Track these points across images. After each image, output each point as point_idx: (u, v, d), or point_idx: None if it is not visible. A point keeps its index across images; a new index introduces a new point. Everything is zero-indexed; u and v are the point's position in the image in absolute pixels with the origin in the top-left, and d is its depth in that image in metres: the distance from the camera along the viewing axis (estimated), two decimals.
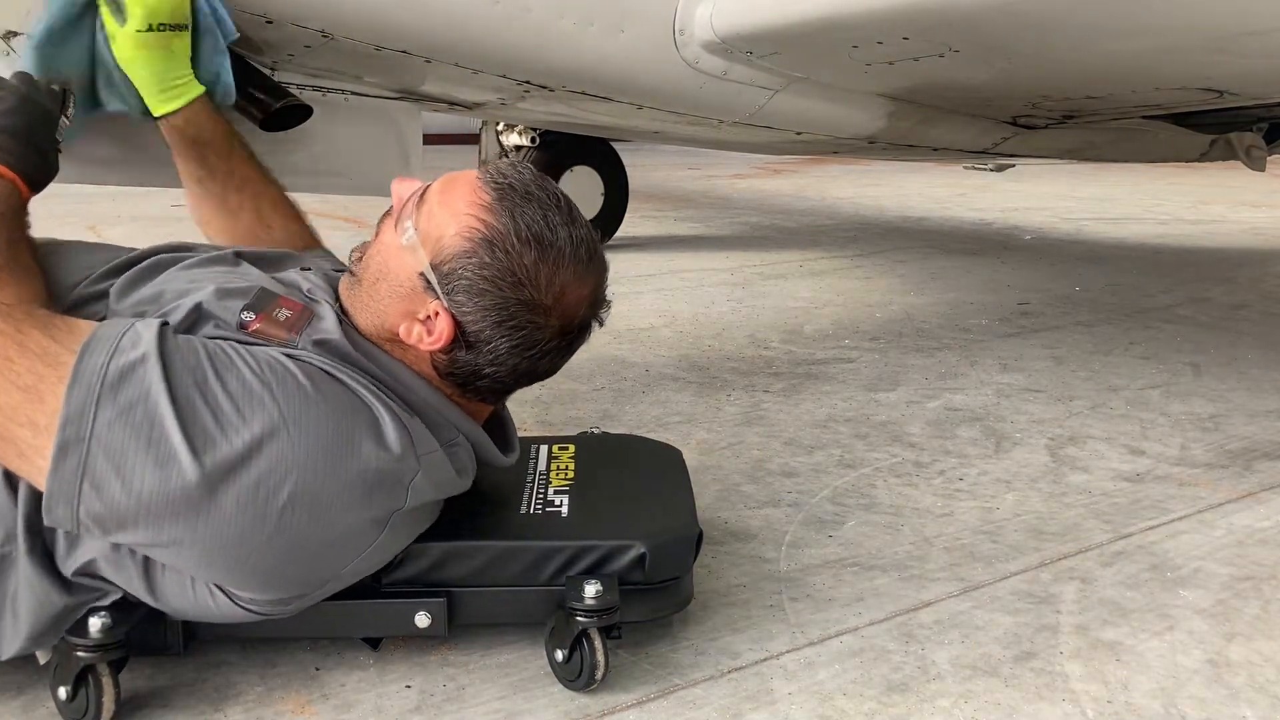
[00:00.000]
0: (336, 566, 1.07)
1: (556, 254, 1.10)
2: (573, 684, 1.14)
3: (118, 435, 0.94)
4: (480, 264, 1.08)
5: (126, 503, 0.95)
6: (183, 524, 0.96)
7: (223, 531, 0.97)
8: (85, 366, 0.95)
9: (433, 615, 1.16)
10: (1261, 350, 2.73)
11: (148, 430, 0.95)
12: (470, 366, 1.12)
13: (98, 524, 0.97)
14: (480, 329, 1.10)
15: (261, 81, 1.70)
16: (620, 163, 4.54)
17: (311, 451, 0.99)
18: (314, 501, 1.00)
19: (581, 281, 1.12)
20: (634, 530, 1.21)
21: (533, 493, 1.30)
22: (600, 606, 1.12)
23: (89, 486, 0.94)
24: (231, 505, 0.97)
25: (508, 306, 1.09)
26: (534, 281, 1.09)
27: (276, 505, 0.98)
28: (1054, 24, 1.77)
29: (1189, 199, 6.77)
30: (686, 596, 1.26)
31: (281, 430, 0.98)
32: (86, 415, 0.94)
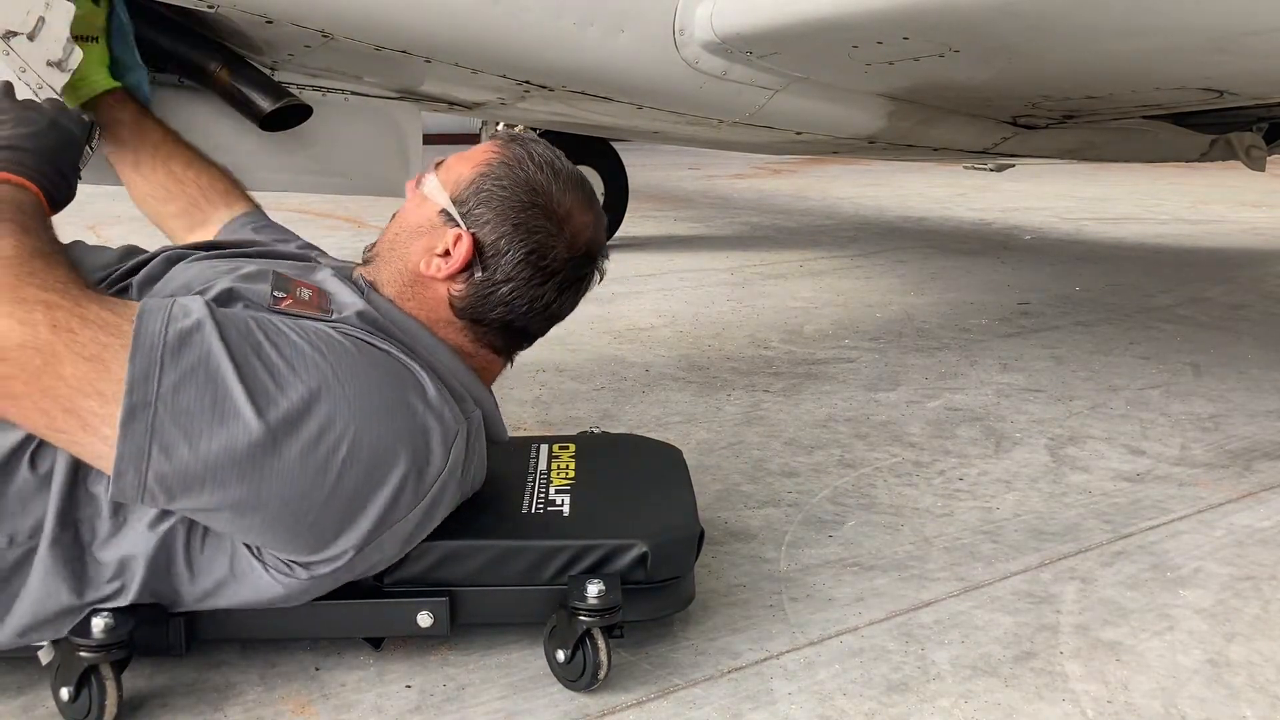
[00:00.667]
0: (385, 526, 1.07)
1: (566, 178, 1.22)
2: (574, 684, 1.14)
3: (183, 397, 0.96)
4: (496, 177, 1.19)
5: (194, 463, 0.97)
6: (248, 481, 0.99)
7: (286, 486, 1.00)
8: (144, 332, 0.97)
9: (435, 615, 1.16)
10: (1261, 350, 2.73)
11: (212, 390, 0.97)
12: (487, 287, 1.18)
13: (164, 489, 0.98)
14: (497, 238, 1.17)
15: (261, 81, 1.70)
16: (620, 163, 4.54)
17: (365, 407, 1.04)
18: (371, 455, 1.04)
19: (586, 210, 1.23)
20: (635, 530, 1.21)
21: (534, 492, 1.30)
22: (603, 606, 1.12)
23: (158, 449, 0.96)
24: (295, 459, 1.00)
25: (522, 209, 1.18)
26: (545, 192, 1.19)
27: (337, 459, 1.02)
28: (1054, 24, 1.77)
29: (1189, 199, 6.77)
30: (688, 596, 1.26)
31: (335, 387, 1.02)
32: (151, 379, 0.96)
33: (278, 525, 1.03)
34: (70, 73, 1.46)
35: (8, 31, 1.39)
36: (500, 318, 1.21)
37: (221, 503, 1.00)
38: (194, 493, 0.99)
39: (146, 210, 1.59)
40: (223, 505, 1.00)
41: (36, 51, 1.42)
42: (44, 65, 1.43)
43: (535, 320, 1.24)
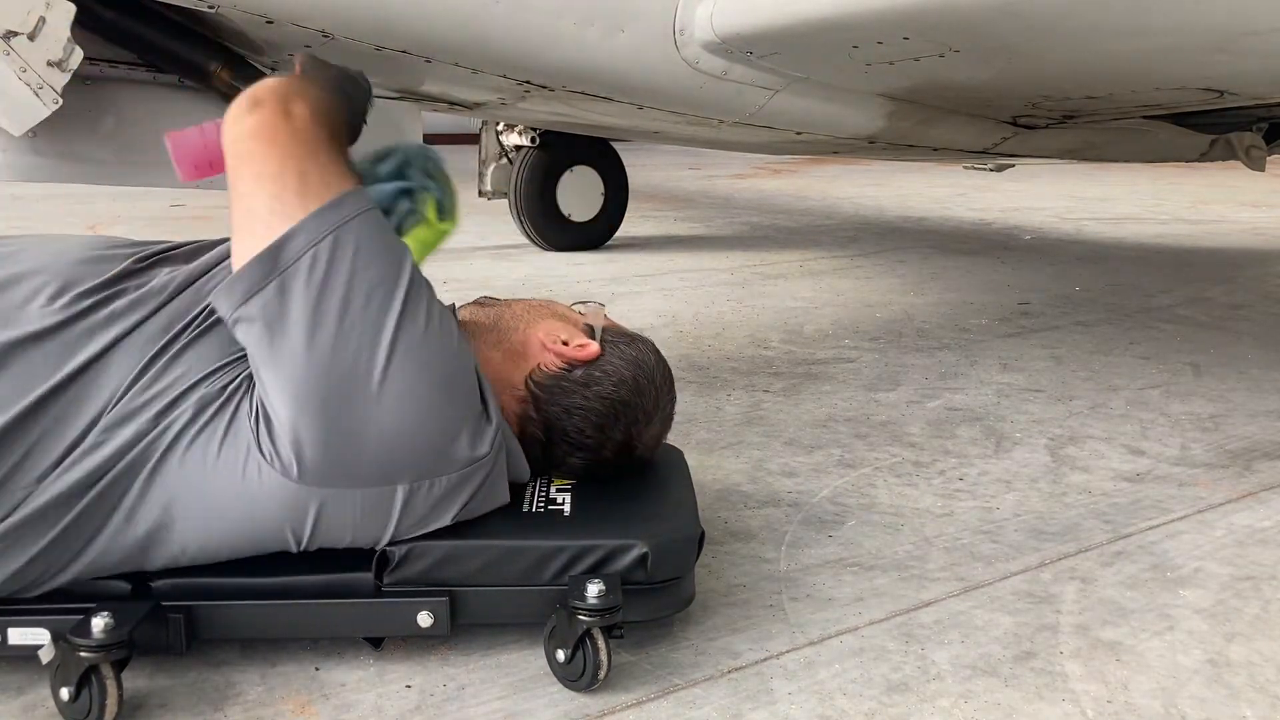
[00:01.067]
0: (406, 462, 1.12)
1: (668, 413, 1.39)
2: (574, 684, 1.14)
3: (376, 237, 1.10)
4: (651, 349, 1.37)
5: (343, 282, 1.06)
6: (353, 338, 1.06)
7: (370, 363, 1.07)
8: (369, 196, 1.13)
9: (435, 615, 1.16)
10: (1261, 350, 2.73)
11: (395, 261, 1.11)
12: (569, 384, 1.29)
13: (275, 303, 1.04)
14: (613, 370, 1.31)
15: None
16: (620, 163, 4.54)
17: (455, 371, 1.15)
18: (440, 397, 1.12)
19: (656, 435, 1.38)
20: (636, 530, 1.21)
21: (535, 492, 1.30)
22: (603, 606, 1.12)
23: (328, 244, 1.06)
24: (397, 354, 1.08)
25: (647, 377, 1.33)
26: (660, 393, 1.35)
27: (424, 378, 1.10)
28: (1054, 24, 1.77)
29: (1189, 199, 6.77)
30: (688, 596, 1.26)
31: (449, 342, 1.14)
32: (364, 205, 1.10)
33: (319, 379, 1.06)
34: (70, 72, 1.46)
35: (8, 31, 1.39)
36: (552, 416, 1.29)
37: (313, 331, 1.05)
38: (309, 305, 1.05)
39: None
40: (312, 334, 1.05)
41: (37, 51, 1.42)
42: (44, 65, 1.43)
43: (562, 447, 1.30)
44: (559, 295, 3.26)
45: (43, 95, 1.44)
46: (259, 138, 1.09)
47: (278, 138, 1.09)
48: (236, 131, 1.10)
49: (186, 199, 5.30)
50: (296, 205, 1.06)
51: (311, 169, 1.08)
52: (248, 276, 1.06)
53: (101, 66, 1.71)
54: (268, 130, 1.09)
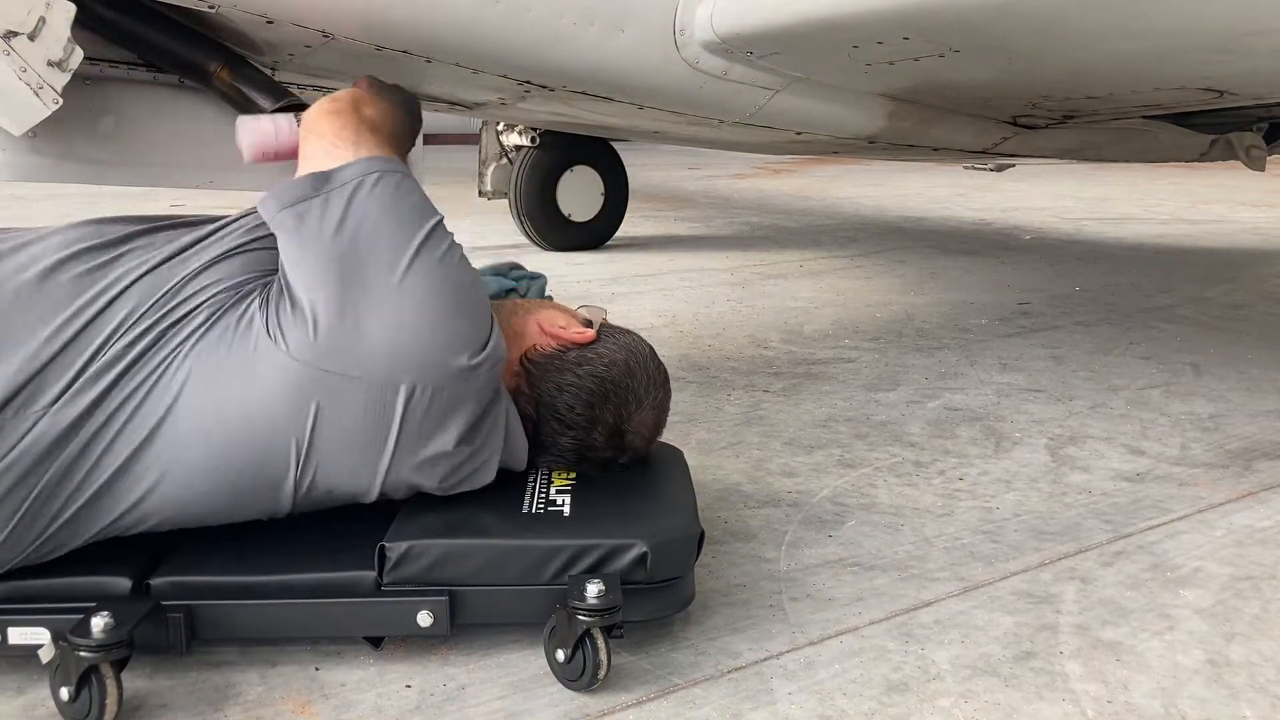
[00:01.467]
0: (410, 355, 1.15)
1: (663, 407, 1.41)
2: (574, 684, 1.14)
3: (414, 187, 1.22)
4: (644, 344, 1.42)
5: (381, 207, 1.16)
6: (378, 242, 1.15)
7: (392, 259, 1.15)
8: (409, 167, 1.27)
9: (435, 614, 1.16)
10: (1261, 350, 2.73)
11: (429, 206, 1.21)
12: (562, 363, 1.33)
13: (319, 208, 1.15)
14: (606, 354, 1.35)
15: (261, 81, 1.70)
16: (620, 163, 4.54)
17: (472, 286, 1.21)
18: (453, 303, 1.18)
19: (650, 425, 1.39)
20: (635, 530, 1.21)
21: (534, 492, 1.30)
22: (603, 606, 1.12)
23: (374, 176, 1.17)
24: (421, 259, 1.16)
25: (639, 364, 1.37)
26: (654, 383, 1.38)
27: (440, 278, 1.17)
28: (1054, 24, 1.77)
29: (1189, 199, 6.77)
30: (688, 596, 1.26)
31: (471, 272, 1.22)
32: (407, 168, 1.24)
33: (348, 279, 1.13)
34: (70, 72, 1.45)
35: (8, 31, 1.39)
36: (543, 394, 1.32)
37: (348, 239, 1.14)
38: (348, 219, 1.15)
39: None
40: (348, 241, 1.14)
41: (37, 51, 1.42)
42: (44, 65, 1.43)
43: (549, 428, 1.33)
44: (559, 295, 3.26)
45: (43, 95, 1.44)
46: (330, 113, 1.25)
47: (346, 119, 1.24)
48: (314, 113, 1.26)
49: (187, 199, 5.30)
50: (350, 152, 1.20)
51: (368, 136, 1.23)
52: (300, 185, 1.17)
53: (101, 66, 1.70)
54: (339, 110, 1.25)
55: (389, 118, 1.33)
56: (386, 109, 1.34)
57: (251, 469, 1.14)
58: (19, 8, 1.39)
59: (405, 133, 1.39)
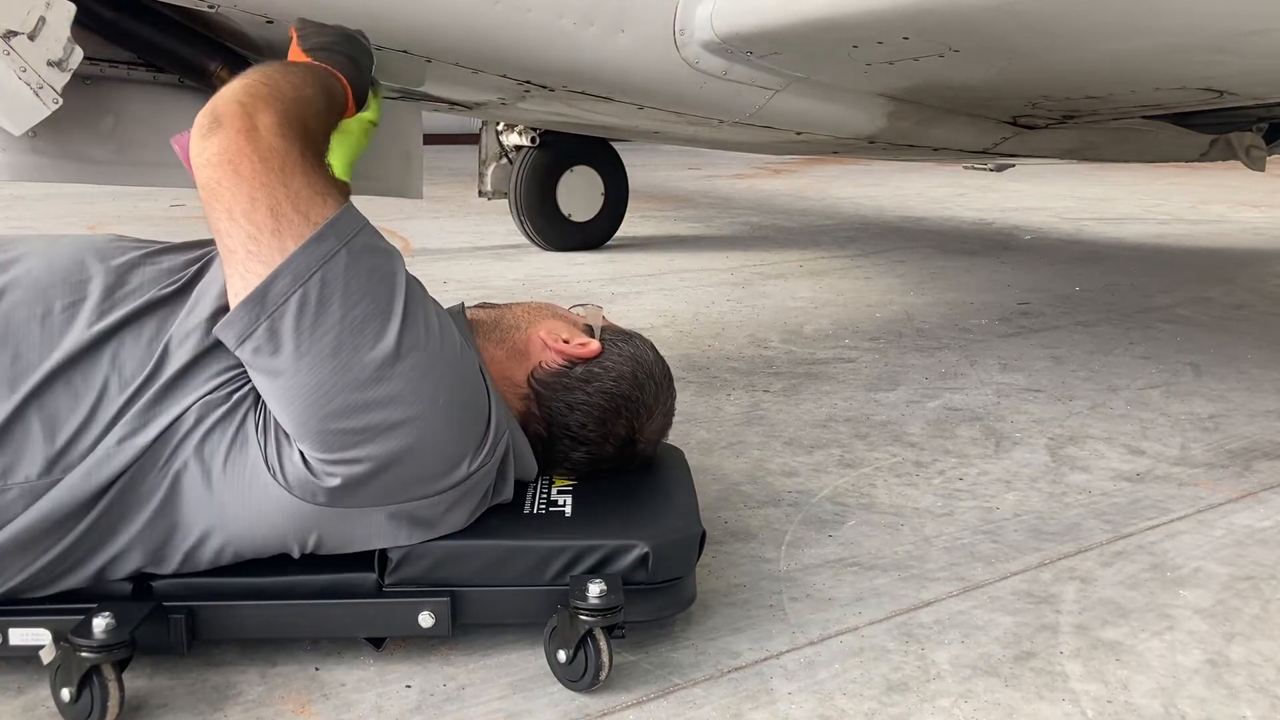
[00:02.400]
0: (417, 483, 1.12)
1: (669, 409, 1.40)
2: (576, 684, 1.14)
3: (365, 263, 1.07)
4: (648, 346, 1.40)
5: (337, 317, 1.04)
6: (356, 370, 1.05)
7: (379, 392, 1.06)
8: (354, 213, 1.09)
9: (436, 615, 1.16)
10: (1261, 350, 2.73)
11: (388, 288, 1.08)
12: (570, 381, 1.30)
13: (288, 328, 1.02)
14: (613, 366, 1.33)
15: None
16: (620, 163, 4.54)
17: (459, 381, 1.15)
18: (447, 412, 1.12)
19: (658, 429, 1.39)
20: (637, 530, 1.21)
21: (536, 492, 1.30)
22: (604, 606, 1.12)
23: (318, 280, 1.03)
24: (399, 377, 1.07)
25: (646, 372, 1.35)
26: (660, 388, 1.37)
27: (427, 394, 1.09)
28: (1054, 24, 1.77)
29: (1189, 199, 6.77)
30: (690, 596, 1.26)
31: (452, 353, 1.14)
32: (350, 233, 1.06)
33: (331, 410, 1.05)
34: (70, 72, 1.46)
35: (8, 31, 1.39)
36: (554, 413, 1.30)
37: (314, 372, 1.04)
38: (300, 345, 1.03)
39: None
40: (312, 375, 1.04)
41: (37, 51, 1.42)
42: (44, 65, 1.43)
43: (563, 444, 1.32)
44: (559, 295, 3.26)
45: (43, 95, 1.44)
46: (223, 166, 1.03)
47: (242, 167, 1.03)
48: (200, 159, 1.05)
49: (187, 199, 5.30)
50: (274, 246, 1.03)
51: (284, 200, 1.04)
52: (238, 320, 1.05)
53: (101, 66, 1.70)
54: (232, 157, 1.03)
55: (296, 115, 1.11)
56: (290, 100, 1.12)
57: (254, 551, 1.15)
58: (19, 8, 1.39)
59: (324, 113, 1.20)
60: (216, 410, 1.09)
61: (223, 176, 1.04)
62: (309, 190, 1.06)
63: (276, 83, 1.13)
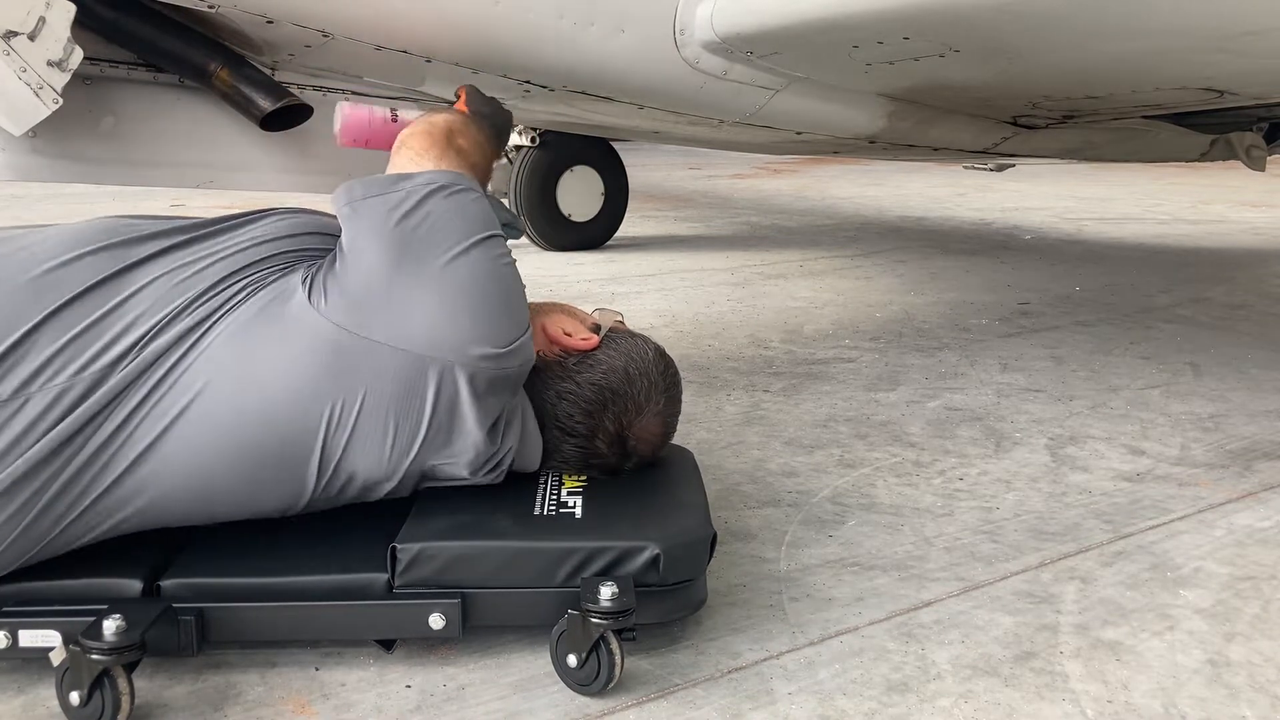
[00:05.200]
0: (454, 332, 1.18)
1: (673, 408, 1.41)
2: (587, 688, 1.13)
3: (479, 200, 1.25)
4: (651, 345, 1.41)
5: (436, 219, 1.19)
6: (439, 230, 1.20)
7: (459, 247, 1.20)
8: (487, 197, 1.29)
9: (447, 617, 1.15)
10: (1261, 350, 2.73)
11: (491, 226, 1.24)
12: (564, 372, 1.34)
13: (393, 199, 1.19)
14: (606, 360, 1.35)
15: (261, 81, 1.70)
16: (620, 163, 4.54)
17: (521, 296, 1.26)
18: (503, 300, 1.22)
19: (658, 432, 1.39)
20: (648, 532, 1.21)
21: (546, 495, 1.30)
22: (617, 609, 1.11)
23: (443, 195, 1.21)
24: (479, 250, 1.21)
25: (639, 369, 1.36)
26: (656, 386, 1.37)
27: (495, 275, 1.21)
28: (1054, 24, 1.77)
29: (1189, 199, 6.77)
30: (700, 598, 1.26)
31: (516, 271, 1.26)
32: (481, 191, 1.27)
33: (405, 251, 1.18)
34: (70, 72, 1.46)
35: (8, 31, 1.39)
36: (545, 400, 1.34)
37: (407, 209, 1.19)
38: (394, 220, 1.18)
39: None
40: (405, 211, 1.19)
41: (37, 51, 1.42)
42: (44, 65, 1.43)
43: (551, 434, 1.34)
44: (559, 295, 3.26)
45: (43, 95, 1.44)
46: (423, 136, 1.31)
47: (437, 140, 1.31)
48: (410, 130, 1.33)
49: (187, 199, 5.30)
50: (433, 164, 1.27)
51: (453, 160, 1.29)
52: (380, 179, 1.23)
53: (101, 66, 1.70)
54: (430, 135, 1.31)
55: (479, 149, 1.38)
56: (478, 141, 1.39)
57: (279, 445, 1.14)
58: (19, 8, 1.39)
59: (491, 162, 1.44)
60: (263, 281, 1.19)
61: (420, 136, 1.31)
62: (471, 172, 1.30)
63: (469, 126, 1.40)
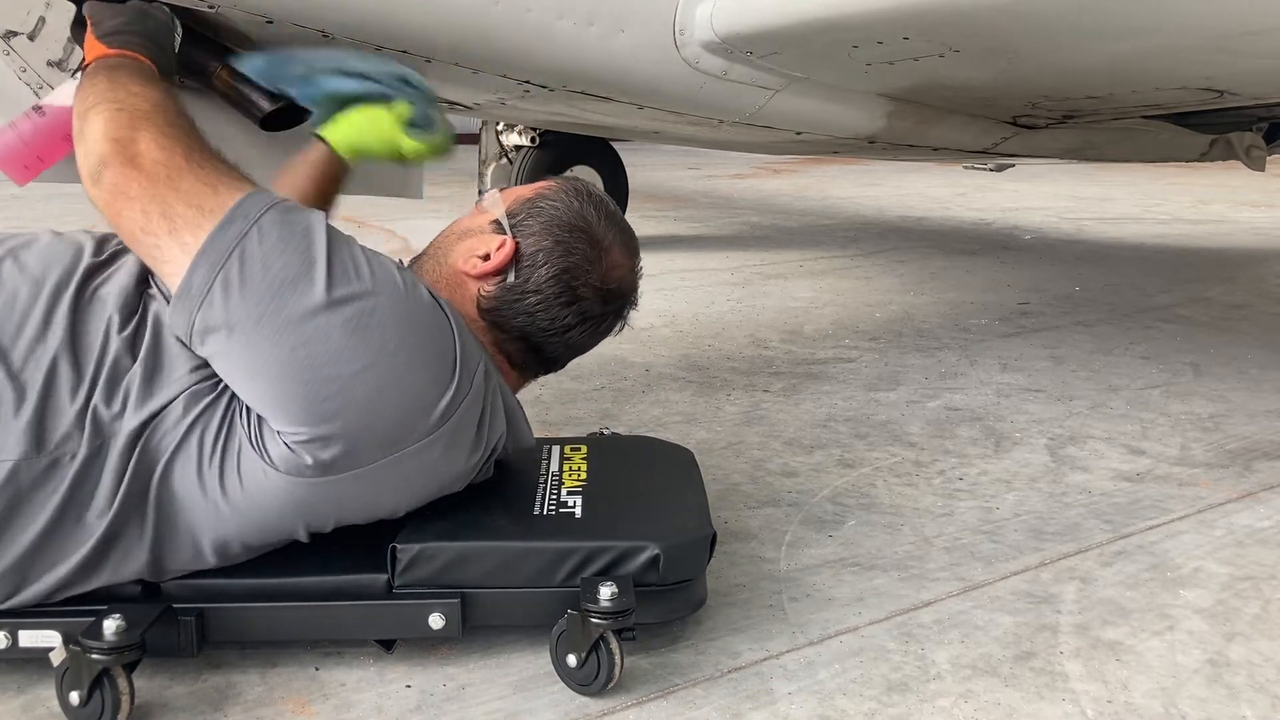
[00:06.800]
0: (398, 430, 1.09)
1: (615, 220, 1.31)
2: (587, 688, 1.13)
3: (276, 233, 1.06)
4: (551, 199, 1.28)
5: (261, 287, 1.04)
6: (294, 329, 1.04)
7: (325, 347, 1.05)
8: (261, 191, 1.11)
9: (447, 617, 1.15)
10: (1261, 350, 2.73)
11: (305, 243, 1.07)
12: (515, 293, 1.24)
13: (218, 314, 1.04)
14: (536, 250, 1.25)
15: None
16: (620, 163, 4.54)
17: (408, 317, 1.10)
18: (404, 352, 1.08)
19: (626, 253, 1.31)
20: (648, 532, 1.21)
21: (545, 494, 1.30)
22: (616, 609, 1.11)
23: (235, 262, 1.04)
24: (339, 328, 1.05)
25: (567, 229, 1.26)
26: (593, 222, 1.28)
27: (375, 340, 1.06)
28: (1054, 24, 1.77)
29: (1189, 199, 6.77)
30: (700, 598, 1.25)
31: (394, 292, 1.10)
32: (255, 213, 1.07)
33: (304, 381, 1.05)
34: (70, 72, 1.46)
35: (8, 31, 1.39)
36: (521, 327, 1.26)
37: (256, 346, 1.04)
38: (240, 325, 1.04)
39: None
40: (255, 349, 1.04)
41: (37, 51, 1.42)
42: (44, 65, 1.44)
43: (552, 341, 1.28)
44: None
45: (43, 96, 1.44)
46: (116, 198, 1.10)
47: (131, 190, 1.09)
48: (99, 201, 1.12)
49: None
50: (174, 245, 1.07)
51: (175, 203, 1.08)
52: (177, 320, 1.08)
53: None
54: (122, 188, 1.09)
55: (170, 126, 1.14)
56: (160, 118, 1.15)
57: (260, 539, 1.15)
58: (19, 8, 1.39)
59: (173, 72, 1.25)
60: (203, 400, 1.09)
61: (119, 205, 1.09)
62: (201, 185, 1.09)
63: (124, 101, 1.15)
